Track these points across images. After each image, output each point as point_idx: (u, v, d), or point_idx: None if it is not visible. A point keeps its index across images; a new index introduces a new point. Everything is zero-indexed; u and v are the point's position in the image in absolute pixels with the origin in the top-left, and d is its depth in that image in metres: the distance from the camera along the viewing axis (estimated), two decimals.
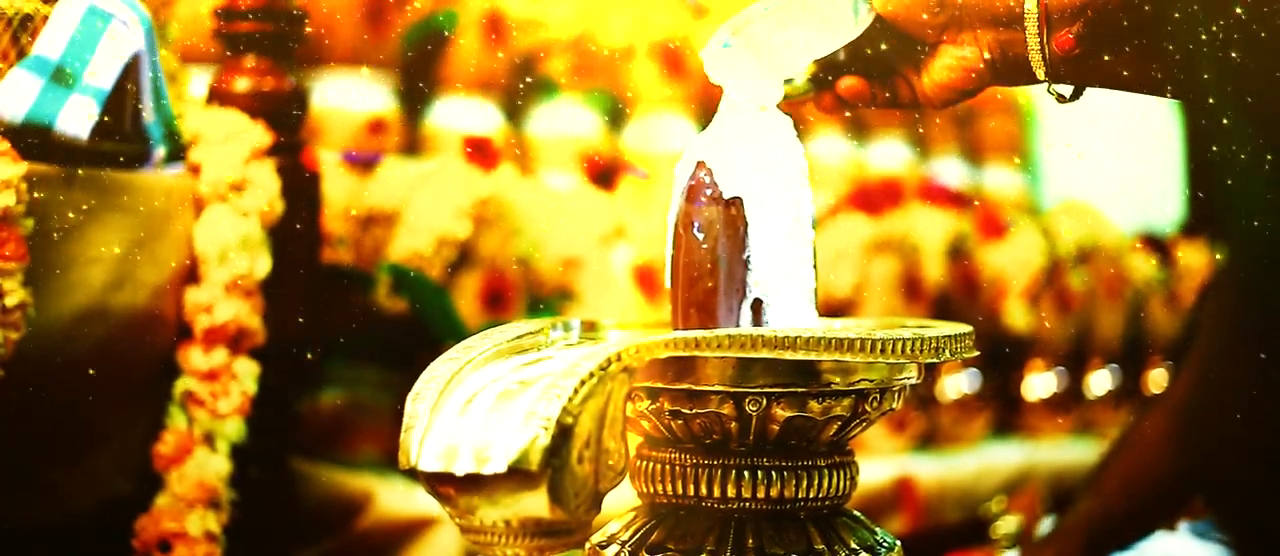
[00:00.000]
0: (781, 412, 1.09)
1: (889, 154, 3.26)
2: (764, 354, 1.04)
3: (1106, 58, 1.09)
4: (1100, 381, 3.08)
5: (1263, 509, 1.13)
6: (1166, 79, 1.08)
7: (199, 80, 1.83)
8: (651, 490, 1.14)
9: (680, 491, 1.12)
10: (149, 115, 1.60)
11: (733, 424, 1.09)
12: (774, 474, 1.11)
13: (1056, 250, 2.99)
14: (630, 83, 2.84)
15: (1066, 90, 1.15)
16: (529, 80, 2.72)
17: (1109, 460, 1.67)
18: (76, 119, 1.49)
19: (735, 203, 1.13)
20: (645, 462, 1.15)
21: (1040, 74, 1.11)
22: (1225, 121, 1.01)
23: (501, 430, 0.93)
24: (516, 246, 2.22)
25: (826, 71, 1.21)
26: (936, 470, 2.61)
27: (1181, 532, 1.75)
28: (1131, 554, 1.66)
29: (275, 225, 1.70)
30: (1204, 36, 1.00)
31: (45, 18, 1.51)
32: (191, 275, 1.64)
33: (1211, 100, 1.03)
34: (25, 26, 1.50)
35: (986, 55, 1.13)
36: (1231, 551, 1.56)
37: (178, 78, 1.74)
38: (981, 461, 2.72)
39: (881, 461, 2.54)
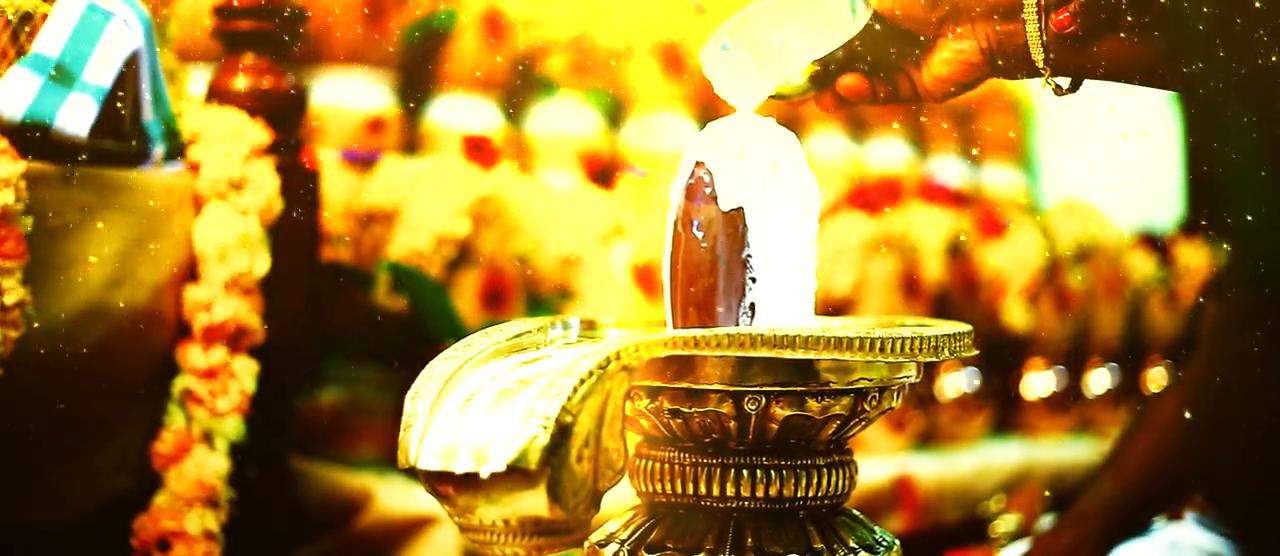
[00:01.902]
0: (780, 411, 1.08)
1: (888, 152, 3.25)
2: (763, 353, 1.04)
3: (1104, 41, 1.09)
4: (1099, 380, 3.08)
5: (1262, 505, 1.13)
6: (1163, 67, 1.08)
7: (198, 78, 1.83)
8: (650, 489, 1.14)
9: (679, 490, 1.12)
10: (148, 113, 1.60)
11: (732, 423, 1.09)
12: (773, 473, 1.11)
13: (1056, 249, 2.99)
14: (629, 81, 2.84)
15: (1064, 82, 1.15)
16: (528, 78, 2.72)
17: (1128, 441, 1.66)
18: (76, 117, 1.49)
19: None
20: (644, 461, 1.14)
21: (1039, 59, 1.11)
22: (1222, 110, 1.01)
23: (500, 429, 0.93)
24: (516, 245, 2.22)
25: (826, 70, 1.20)
26: (935, 469, 2.61)
27: (1188, 522, 1.74)
28: (1144, 539, 1.65)
29: (274, 223, 1.70)
30: (1200, 22, 1.00)
31: (45, 16, 1.50)
32: (191, 273, 1.64)
33: (1209, 88, 1.03)
34: (25, 25, 1.50)
35: (985, 47, 1.13)
36: (1233, 545, 1.56)
37: (177, 76, 1.73)
38: (980, 460, 2.72)
39: (880, 460, 2.54)
